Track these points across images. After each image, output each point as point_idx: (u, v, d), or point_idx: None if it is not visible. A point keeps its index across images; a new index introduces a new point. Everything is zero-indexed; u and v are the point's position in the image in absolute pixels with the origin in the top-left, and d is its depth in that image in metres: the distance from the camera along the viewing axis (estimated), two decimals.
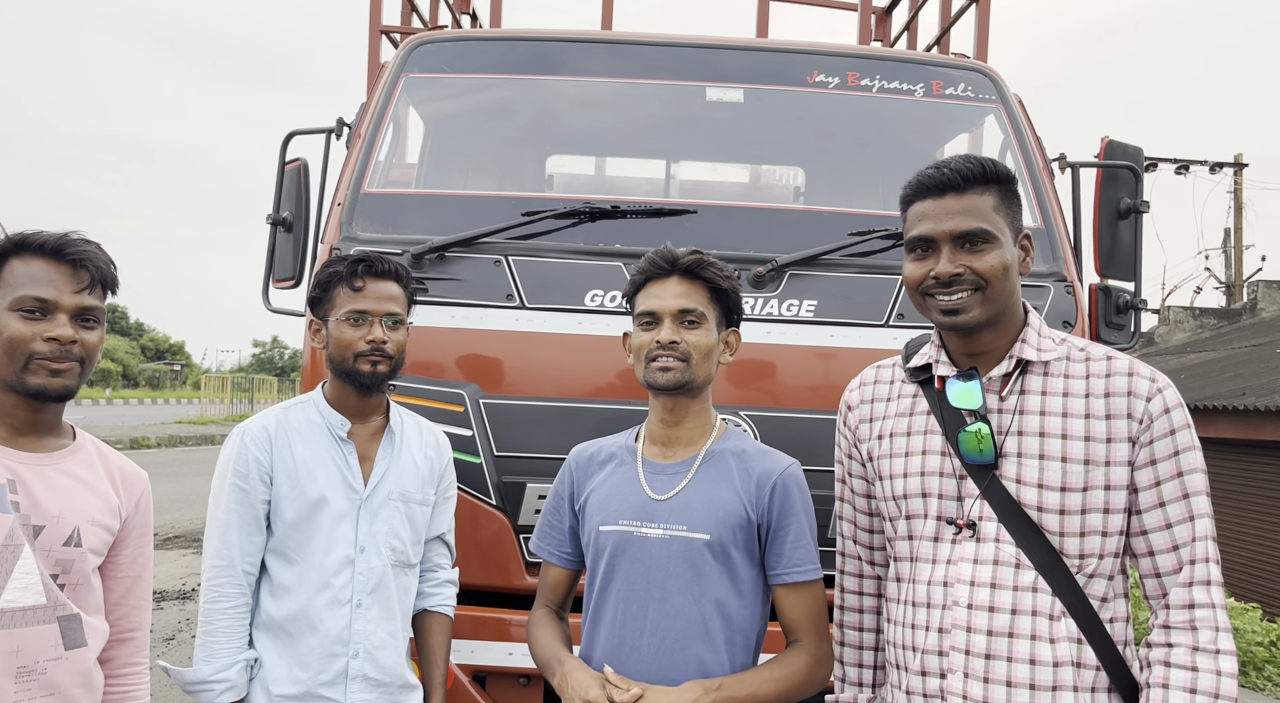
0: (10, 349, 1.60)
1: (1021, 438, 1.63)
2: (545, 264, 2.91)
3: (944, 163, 1.67)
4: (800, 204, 4.04)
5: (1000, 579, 1.60)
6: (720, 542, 1.79)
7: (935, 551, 1.68)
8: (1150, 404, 1.59)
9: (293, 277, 3.23)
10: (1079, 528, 1.59)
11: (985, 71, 3.45)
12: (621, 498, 1.85)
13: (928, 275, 1.65)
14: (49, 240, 1.64)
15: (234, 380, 36.31)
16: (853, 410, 1.88)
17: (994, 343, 1.68)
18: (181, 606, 7.29)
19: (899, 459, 1.75)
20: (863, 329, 2.88)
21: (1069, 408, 1.62)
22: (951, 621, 1.63)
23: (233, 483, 2.10)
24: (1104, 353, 1.66)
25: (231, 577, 2.07)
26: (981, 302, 1.62)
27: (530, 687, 2.81)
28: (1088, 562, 1.60)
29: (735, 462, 1.85)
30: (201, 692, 2.04)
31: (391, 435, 2.19)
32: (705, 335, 1.84)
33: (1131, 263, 3.20)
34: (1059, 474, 1.59)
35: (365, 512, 2.12)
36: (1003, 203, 1.65)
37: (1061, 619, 1.58)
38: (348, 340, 2.09)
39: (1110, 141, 3.27)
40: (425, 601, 2.29)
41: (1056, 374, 1.65)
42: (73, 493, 1.68)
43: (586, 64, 3.43)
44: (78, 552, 1.66)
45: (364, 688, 2.09)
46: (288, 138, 3.31)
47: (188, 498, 12.70)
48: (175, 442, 22.25)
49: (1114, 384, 1.61)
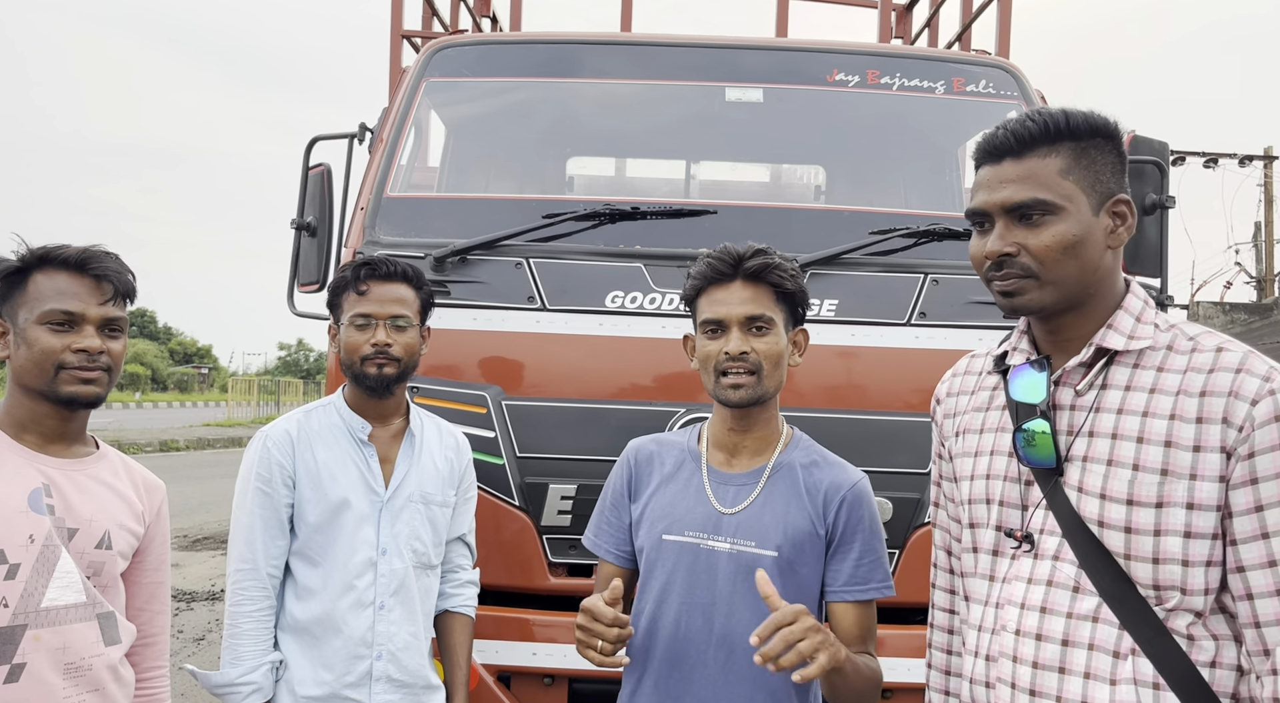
0: (40, 361, 1.64)
1: (1092, 440, 1.37)
2: (566, 266, 2.92)
3: (1006, 122, 1.42)
4: (821, 203, 4.03)
5: (1053, 604, 1.37)
6: (788, 558, 1.73)
7: (994, 566, 1.47)
8: (1256, 409, 1.28)
9: (317, 280, 3.26)
10: (1151, 552, 1.31)
11: (1007, 68, 3.43)
12: (687, 508, 1.78)
13: (985, 254, 1.41)
14: (73, 255, 1.68)
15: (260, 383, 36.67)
16: (940, 405, 1.66)
17: (1078, 329, 1.42)
18: (211, 606, 7.39)
19: (968, 460, 1.54)
20: (885, 328, 2.87)
21: (1153, 406, 1.34)
22: (999, 648, 1.42)
23: (256, 487, 2.12)
24: (1216, 344, 1.35)
25: (256, 580, 2.09)
26: (1040, 285, 1.37)
27: (554, 687, 2.82)
28: (1168, 595, 1.32)
29: (804, 474, 1.78)
30: (228, 694, 2.06)
31: (411, 438, 2.21)
32: (775, 341, 1.75)
33: (1158, 259, 3.16)
34: (1125, 484, 1.33)
35: (387, 514, 2.14)
36: (1077, 163, 1.38)
37: (1129, 659, 1.31)
38: (354, 344, 2.11)
39: (1135, 136, 3.24)
40: (446, 601, 2.30)
41: (1149, 366, 1.37)
42: (102, 498, 1.72)
43: (606, 66, 3.44)
44: (108, 555, 1.70)
45: (388, 689, 2.11)
46: (311, 143, 3.34)
47: (216, 500, 12.84)
48: (203, 444, 22.50)
49: (1215, 381, 1.31)
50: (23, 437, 1.67)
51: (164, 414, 34.25)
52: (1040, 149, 1.38)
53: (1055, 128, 1.38)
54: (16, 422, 1.68)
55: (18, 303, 1.67)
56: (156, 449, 20.78)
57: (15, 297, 1.67)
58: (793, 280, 1.78)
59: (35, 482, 1.63)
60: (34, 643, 1.58)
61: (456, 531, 2.31)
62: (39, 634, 1.59)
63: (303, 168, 3.32)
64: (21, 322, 1.65)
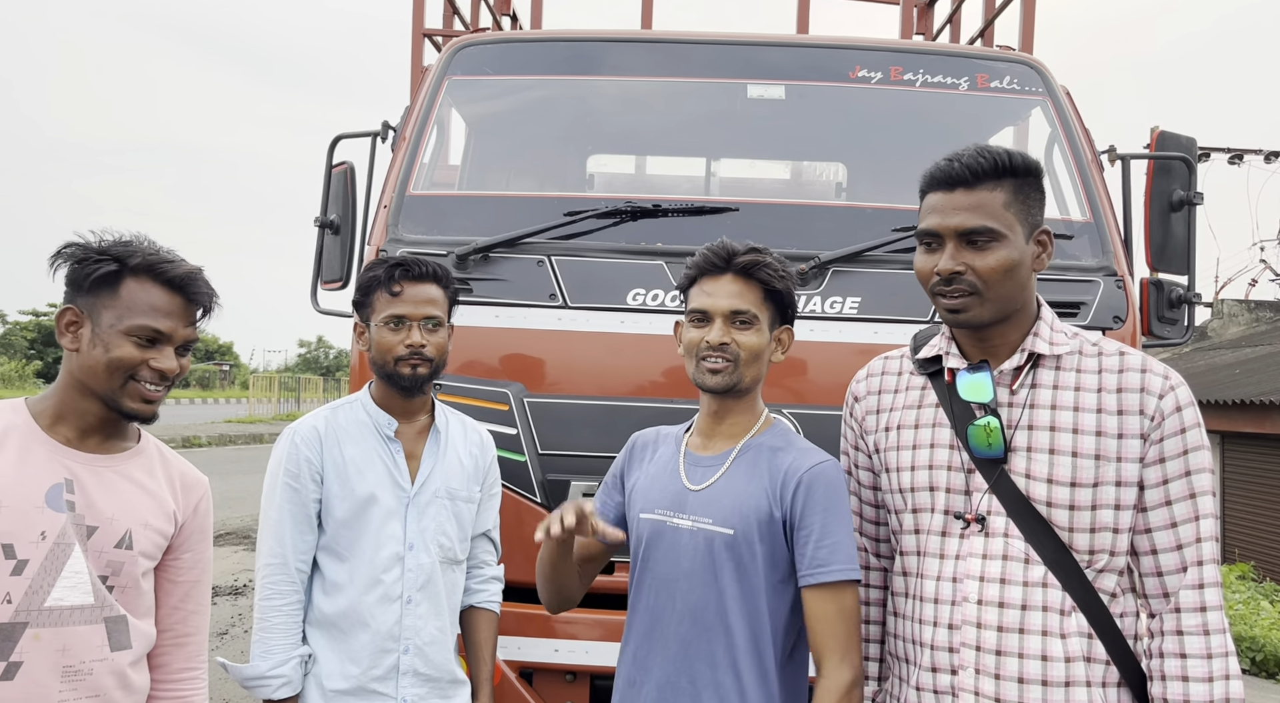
0: (114, 368, 1.61)
1: (1032, 432, 1.62)
2: (587, 264, 2.93)
3: (958, 155, 1.63)
4: (842, 200, 4.02)
5: (1010, 575, 1.60)
6: (745, 537, 1.77)
7: (943, 545, 1.67)
8: (1163, 401, 1.58)
9: (340, 278, 3.28)
10: (1089, 524, 1.58)
11: (1031, 63, 3.40)
12: (660, 487, 1.86)
13: (933, 271, 1.64)
14: (179, 276, 1.65)
15: (281, 380, 36.96)
16: (859, 401, 1.87)
17: (1005, 337, 1.67)
18: (234, 601, 7.45)
19: (906, 452, 1.73)
20: (907, 326, 2.85)
21: (1080, 402, 1.61)
22: (961, 617, 1.62)
23: (284, 482, 2.14)
24: (1116, 348, 1.65)
25: (285, 574, 2.12)
26: (982, 302, 1.61)
27: (576, 683, 2.83)
28: (1098, 558, 1.59)
29: (769, 457, 1.82)
30: (258, 687, 2.09)
31: (437, 434, 2.23)
32: (756, 337, 1.82)
33: (1184, 256, 3.13)
34: (1069, 469, 1.58)
35: (413, 509, 2.16)
36: (1016, 198, 1.62)
37: (1072, 614, 1.58)
38: (387, 345, 2.13)
39: (1162, 132, 3.21)
40: (471, 597, 2.32)
41: (1069, 368, 1.64)
42: (128, 496, 1.67)
43: (627, 63, 3.44)
44: (128, 555, 1.65)
45: (414, 683, 2.14)
46: (334, 142, 3.36)
47: (238, 496, 12.95)
48: (225, 441, 22.71)
49: (1127, 380, 1.60)
50: (56, 428, 1.64)
51: (186, 411, 34.58)
52: (988, 182, 1.61)
53: (1002, 165, 1.61)
54: (55, 412, 1.64)
55: (105, 303, 1.62)
56: (180, 445, 21.00)
57: (103, 296, 1.62)
58: (782, 281, 1.84)
59: (57, 477, 1.60)
60: (33, 642, 1.55)
61: (481, 526, 2.32)
62: (39, 634, 1.55)
63: (326, 166, 3.34)
64: (106, 324, 1.61)
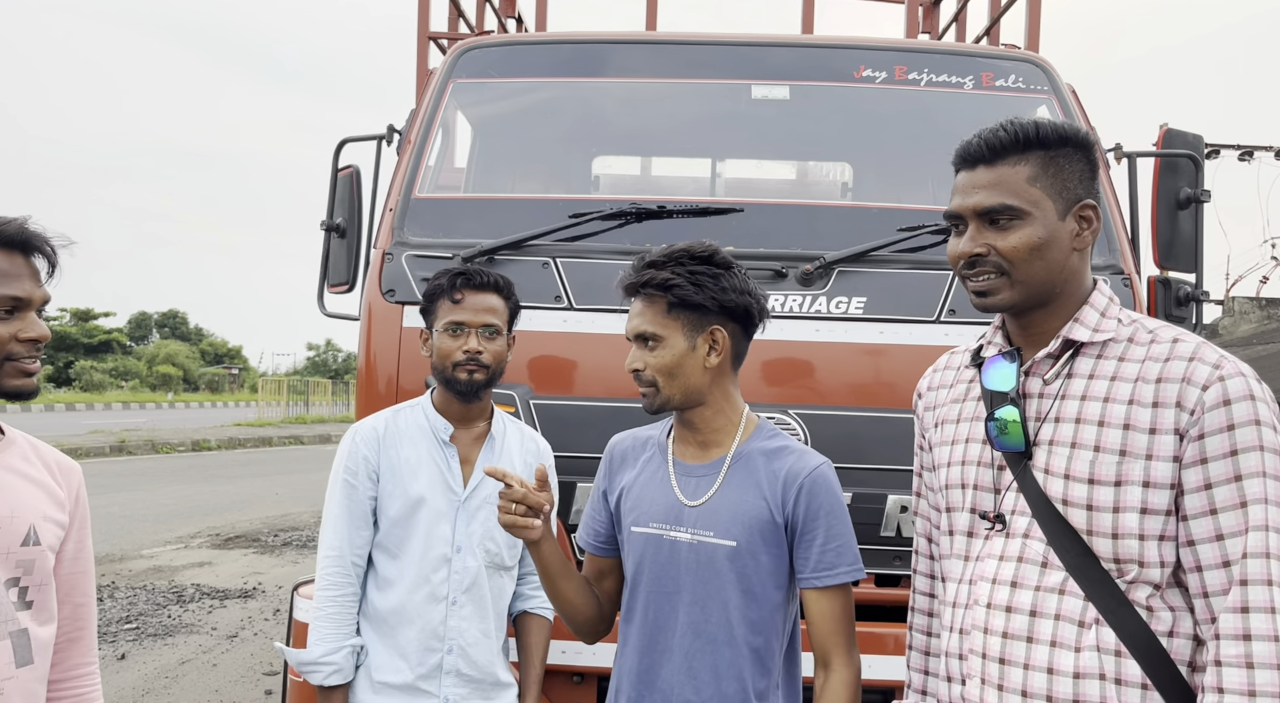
0: None
1: (1058, 425, 1.47)
2: (593, 265, 2.93)
3: (982, 131, 1.52)
4: (848, 200, 4.01)
5: (1022, 578, 1.47)
6: (749, 548, 1.76)
7: (969, 546, 1.57)
8: (1206, 393, 1.37)
9: (347, 281, 3.29)
10: (1110, 528, 1.41)
11: (1037, 62, 3.39)
12: (651, 500, 1.83)
13: (958, 254, 1.53)
14: (13, 234, 1.44)
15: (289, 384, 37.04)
16: (921, 399, 1.78)
17: (1046, 324, 1.53)
18: (243, 604, 7.46)
19: (945, 448, 1.64)
20: (913, 326, 2.85)
21: (1113, 393, 1.44)
22: (971, 621, 1.51)
23: (344, 479, 2.24)
24: (1172, 336, 1.46)
25: (341, 568, 2.21)
26: (1009, 284, 1.48)
27: (584, 685, 2.83)
28: (1127, 567, 1.41)
29: (764, 462, 1.80)
30: (311, 672, 2.19)
31: (493, 441, 2.30)
32: (664, 355, 1.77)
33: (1192, 254, 3.12)
34: (1087, 465, 1.42)
35: (463, 513, 2.24)
36: (1045, 171, 1.48)
37: (1093, 628, 1.41)
38: (446, 350, 2.21)
39: (1169, 130, 3.20)
40: (525, 603, 2.39)
41: (1112, 357, 1.47)
42: (19, 489, 1.51)
43: (631, 65, 3.45)
44: (38, 551, 1.51)
45: (457, 683, 2.21)
46: (340, 145, 3.38)
47: (247, 499, 13.00)
48: (234, 444, 22.77)
49: (1170, 369, 1.41)
50: None
51: (195, 414, 34.74)
52: (1011, 157, 1.49)
53: (1025, 138, 1.48)
54: None
55: None
56: (189, 449, 21.09)
57: None
58: (681, 288, 1.74)
59: None
60: None
61: None
62: None
63: (332, 170, 3.35)
64: None
